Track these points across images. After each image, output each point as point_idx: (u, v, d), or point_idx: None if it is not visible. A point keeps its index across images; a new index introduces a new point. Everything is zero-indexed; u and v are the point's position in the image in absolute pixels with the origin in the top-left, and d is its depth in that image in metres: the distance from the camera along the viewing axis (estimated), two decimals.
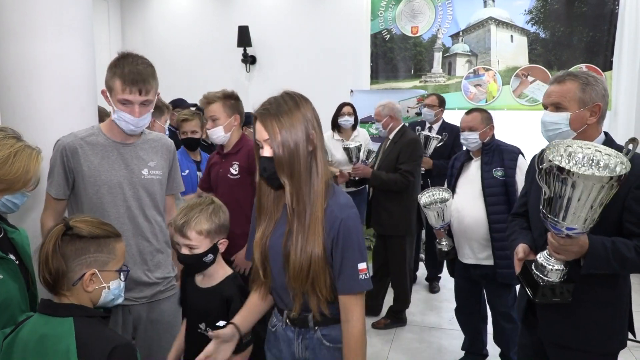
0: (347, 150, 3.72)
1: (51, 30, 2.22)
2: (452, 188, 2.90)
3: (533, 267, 1.62)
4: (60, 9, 2.24)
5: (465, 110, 3.02)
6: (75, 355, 1.20)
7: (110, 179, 1.87)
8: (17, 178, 1.53)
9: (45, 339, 1.24)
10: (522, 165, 2.68)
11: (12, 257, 1.59)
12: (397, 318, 3.77)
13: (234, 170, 2.57)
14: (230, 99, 2.61)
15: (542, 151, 1.53)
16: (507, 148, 2.79)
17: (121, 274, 1.38)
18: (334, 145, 4.29)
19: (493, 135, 2.85)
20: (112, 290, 1.35)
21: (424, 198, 2.90)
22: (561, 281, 1.56)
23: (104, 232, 1.36)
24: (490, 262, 2.74)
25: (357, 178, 3.72)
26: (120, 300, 1.42)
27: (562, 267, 1.56)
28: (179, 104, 4.13)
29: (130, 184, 1.91)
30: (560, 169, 1.36)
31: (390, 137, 3.68)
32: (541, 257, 1.60)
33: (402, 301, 3.77)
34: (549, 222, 1.49)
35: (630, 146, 1.44)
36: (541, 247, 1.69)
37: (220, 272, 1.77)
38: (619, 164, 1.41)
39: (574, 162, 1.46)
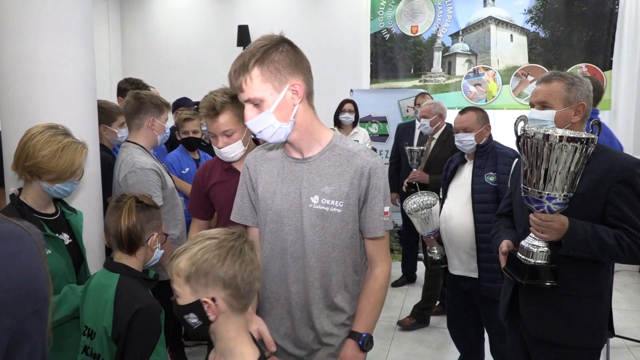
0: (410, 152, 3.73)
1: (50, 30, 2.22)
2: (444, 193, 2.73)
3: (518, 253, 1.72)
4: (59, 9, 2.24)
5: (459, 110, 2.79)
6: (112, 305, 1.51)
7: (276, 205, 1.47)
8: (65, 169, 1.74)
9: (100, 286, 1.58)
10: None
11: (65, 235, 1.86)
12: (422, 317, 3.73)
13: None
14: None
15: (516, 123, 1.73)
16: (502, 151, 2.54)
17: (163, 236, 1.74)
18: None
19: (490, 136, 2.63)
20: (159, 250, 1.71)
21: (409, 205, 2.80)
22: (546, 263, 1.66)
23: (156, 204, 1.74)
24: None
25: (414, 182, 3.68)
26: (158, 259, 1.75)
27: (546, 248, 1.66)
28: (182, 103, 4.14)
29: (298, 214, 1.45)
30: (539, 134, 1.54)
31: (436, 136, 3.71)
32: (525, 242, 1.71)
33: (433, 299, 3.77)
34: (530, 195, 1.63)
35: (595, 128, 1.61)
36: None
37: (242, 349, 1.15)
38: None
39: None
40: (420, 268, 4.76)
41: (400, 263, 4.71)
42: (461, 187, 2.59)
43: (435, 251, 2.75)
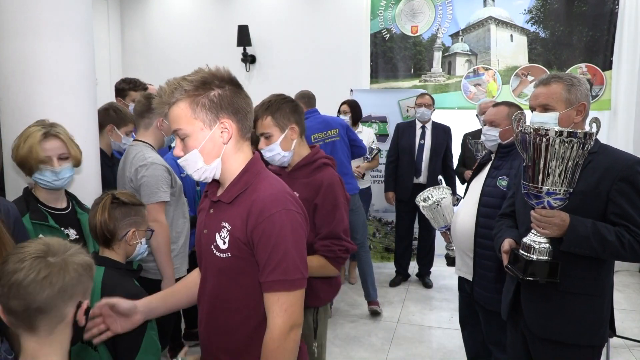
0: (475, 144, 3.75)
1: (51, 30, 2.22)
2: (466, 189, 2.62)
3: (520, 249, 1.72)
4: (59, 9, 2.24)
5: (495, 103, 2.61)
6: (99, 295, 1.56)
7: None
8: (25, 156, 1.82)
9: None
10: None
11: (72, 231, 1.93)
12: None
13: (221, 239, 1.31)
14: (198, 89, 1.29)
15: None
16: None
17: (148, 232, 1.81)
18: None
19: None
20: (142, 245, 1.77)
21: (419, 197, 2.78)
22: (547, 259, 1.66)
23: (137, 201, 1.78)
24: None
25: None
26: (145, 254, 1.81)
27: (547, 245, 1.67)
28: None
29: None
30: (537, 130, 1.56)
31: None
32: (527, 238, 1.71)
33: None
34: (531, 192, 1.63)
35: (594, 125, 1.60)
36: None
37: None
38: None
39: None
40: (414, 267, 4.78)
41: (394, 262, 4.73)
42: (477, 185, 2.45)
43: (452, 248, 2.67)
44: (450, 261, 2.74)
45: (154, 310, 1.51)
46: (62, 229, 1.91)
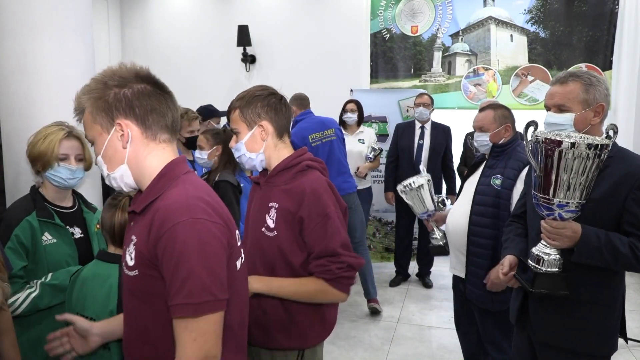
0: (471, 144, 3.76)
1: (50, 30, 2.22)
2: (460, 188, 2.65)
3: (529, 259, 1.66)
4: (59, 9, 2.24)
5: (480, 107, 2.66)
6: (116, 290, 1.59)
7: None
8: (43, 152, 1.84)
9: (97, 277, 1.64)
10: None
11: (77, 230, 1.96)
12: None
13: (128, 254, 1.16)
14: (97, 91, 1.19)
15: (527, 127, 1.64)
16: (517, 155, 2.32)
17: None
18: None
19: (514, 136, 2.42)
20: None
21: (400, 185, 2.73)
22: (557, 271, 1.60)
23: None
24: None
25: None
26: None
27: (558, 256, 1.60)
28: (212, 114, 4.00)
29: None
30: (550, 140, 1.47)
31: None
32: (536, 249, 1.64)
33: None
34: (541, 203, 1.56)
35: (611, 132, 1.52)
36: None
37: None
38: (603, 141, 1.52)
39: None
40: (414, 267, 4.78)
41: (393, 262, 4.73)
42: (471, 184, 2.46)
43: (436, 236, 2.62)
44: (435, 249, 2.66)
45: (111, 333, 1.43)
46: (67, 227, 1.93)
